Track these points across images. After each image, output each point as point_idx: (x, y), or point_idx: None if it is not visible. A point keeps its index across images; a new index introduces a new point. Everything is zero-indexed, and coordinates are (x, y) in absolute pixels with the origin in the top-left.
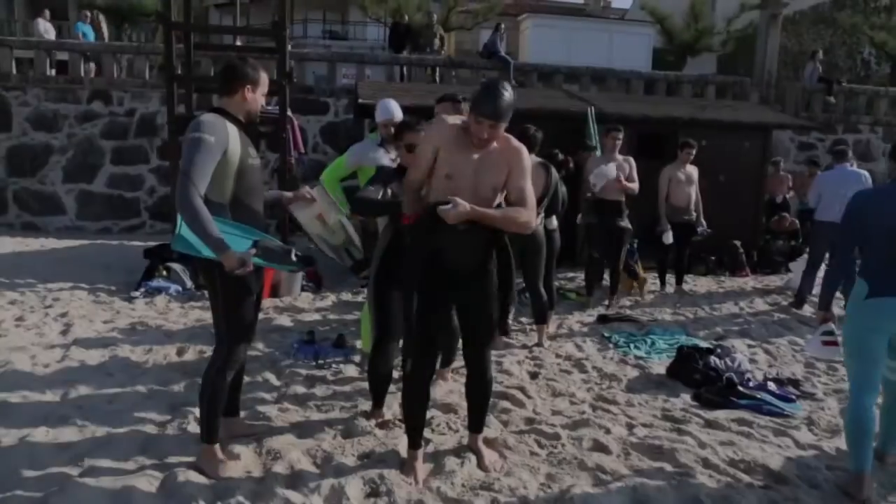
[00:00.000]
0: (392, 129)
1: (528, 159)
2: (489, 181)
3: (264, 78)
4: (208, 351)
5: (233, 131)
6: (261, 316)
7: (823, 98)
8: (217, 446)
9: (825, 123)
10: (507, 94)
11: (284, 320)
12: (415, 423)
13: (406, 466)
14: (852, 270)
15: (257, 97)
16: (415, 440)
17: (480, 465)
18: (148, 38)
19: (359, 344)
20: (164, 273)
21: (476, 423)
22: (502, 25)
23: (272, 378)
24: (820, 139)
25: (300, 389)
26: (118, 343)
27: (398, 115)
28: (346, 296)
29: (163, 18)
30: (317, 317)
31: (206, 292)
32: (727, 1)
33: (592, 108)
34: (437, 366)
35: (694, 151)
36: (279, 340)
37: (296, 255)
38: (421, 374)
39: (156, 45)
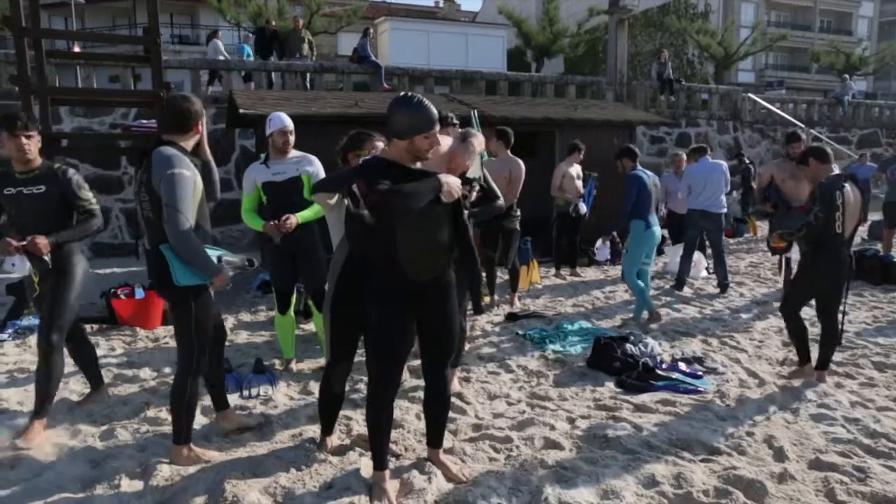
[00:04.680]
0: (290, 138)
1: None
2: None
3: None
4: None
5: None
6: (162, 346)
7: (667, 95)
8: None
9: (670, 118)
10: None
11: None
12: (381, 442)
13: (376, 490)
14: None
15: (203, 132)
16: (381, 461)
17: (448, 477)
18: None
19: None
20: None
21: (436, 437)
22: (371, 30)
23: (198, 415)
24: (667, 132)
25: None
26: None
27: (290, 123)
28: (246, 316)
29: (12, 23)
30: None
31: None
32: (575, 5)
33: (475, 111)
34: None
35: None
36: None
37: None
38: (386, 390)
39: None
